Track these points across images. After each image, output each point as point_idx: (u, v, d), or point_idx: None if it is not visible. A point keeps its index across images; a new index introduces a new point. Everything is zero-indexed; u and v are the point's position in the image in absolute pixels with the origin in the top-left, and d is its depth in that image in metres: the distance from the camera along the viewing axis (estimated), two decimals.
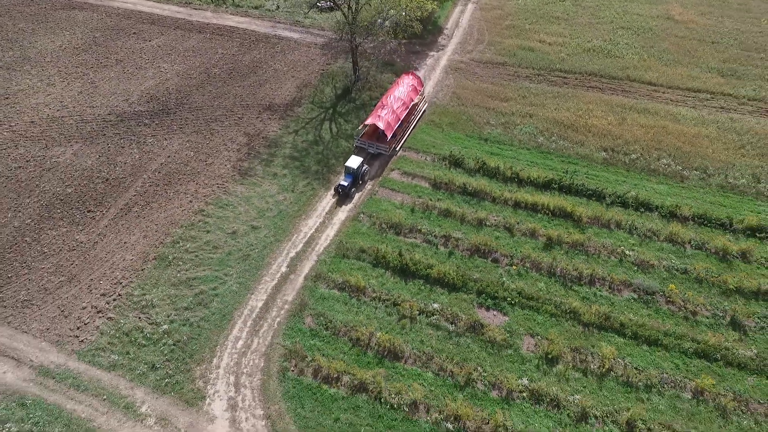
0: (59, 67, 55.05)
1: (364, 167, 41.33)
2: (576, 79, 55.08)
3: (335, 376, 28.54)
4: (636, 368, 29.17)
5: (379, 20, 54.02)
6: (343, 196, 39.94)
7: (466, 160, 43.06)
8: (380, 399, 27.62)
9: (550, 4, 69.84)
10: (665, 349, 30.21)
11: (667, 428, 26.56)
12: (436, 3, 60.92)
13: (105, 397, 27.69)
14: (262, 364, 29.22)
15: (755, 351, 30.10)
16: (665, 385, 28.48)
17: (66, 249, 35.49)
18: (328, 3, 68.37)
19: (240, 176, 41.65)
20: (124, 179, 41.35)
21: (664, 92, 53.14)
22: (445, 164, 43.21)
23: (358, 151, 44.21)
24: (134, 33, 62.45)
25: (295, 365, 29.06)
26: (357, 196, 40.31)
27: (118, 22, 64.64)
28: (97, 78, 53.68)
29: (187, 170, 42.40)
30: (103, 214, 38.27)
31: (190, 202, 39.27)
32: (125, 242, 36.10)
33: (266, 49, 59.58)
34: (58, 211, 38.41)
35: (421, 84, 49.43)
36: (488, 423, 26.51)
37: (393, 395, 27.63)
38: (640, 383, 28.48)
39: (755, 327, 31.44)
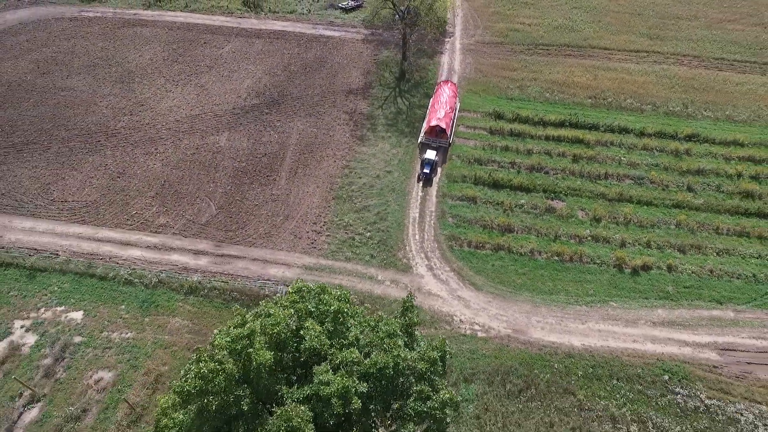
0: (165, 77, 67.69)
1: (437, 157, 56.09)
2: (555, 50, 76.10)
3: (481, 244, 47.65)
4: (643, 217, 50.88)
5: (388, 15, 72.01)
6: (426, 181, 53.54)
7: (504, 113, 62.79)
8: (511, 251, 47.20)
9: None
10: (655, 206, 52.13)
11: (667, 242, 48.43)
12: None
13: (354, 274, 44.96)
14: (437, 245, 47.69)
15: (702, 200, 52.74)
16: (660, 224, 50.41)
17: (270, 200, 51.31)
18: (350, 4, 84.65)
19: (359, 141, 58.71)
20: (277, 153, 56.98)
21: (616, 54, 75.50)
22: (491, 117, 62.68)
23: (422, 147, 57.51)
24: (204, 43, 75.35)
25: (456, 242, 47.80)
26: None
27: (183, 34, 76.86)
28: (202, 82, 67.17)
29: (318, 141, 58.67)
30: (279, 176, 54.10)
31: (335, 161, 55.96)
32: (307, 191, 52.46)
33: (320, 47, 75.15)
34: (246, 178, 53.70)
35: (456, 90, 63.76)
36: (576, 253, 46.96)
37: (518, 248, 47.28)
38: (647, 224, 50.23)
39: (700, 189, 54.15)
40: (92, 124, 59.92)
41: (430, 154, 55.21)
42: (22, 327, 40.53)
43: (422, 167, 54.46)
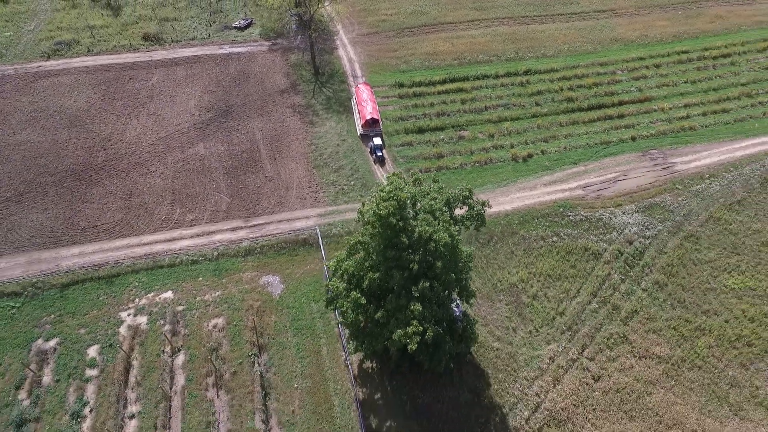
0: (114, 113, 75.48)
1: (382, 141, 72.83)
2: (417, 30, 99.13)
3: (427, 169, 68.11)
4: (518, 127, 75.91)
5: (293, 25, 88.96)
6: (381, 161, 68.71)
7: (403, 82, 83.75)
8: (447, 168, 68.45)
9: None
10: (522, 119, 77.70)
11: (536, 138, 73.96)
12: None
13: (355, 209, 61.99)
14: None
15: (546, 109, 79.66)
16: (528, 128, 76.02)
17: (267, 181, 65.49)
18: (242, 23, 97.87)
19: (310, 124, 74.90)
20: (252, 148, 70.62)
21: (459, 25, 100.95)
22: (396, 87, 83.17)
23: (364, 138, 71.99)
24: (130, 78, 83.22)
25: (410, 172, 67.54)
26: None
27: (104, 75, 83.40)
28: (152, 110, 76.41)
29: (279, 132, 73.43)
30: (264, 164, 68.20)
31: (300, 143, 71.58)
32: (291, 168, 67.63)
33: (236, 62, 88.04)
34: (238, 172, 66.83)
35: (371, 89, 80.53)
36: (487, 159, 69.93)
37: (451, 165, 68.64)
38: (521, 130, 75.52)
39: (543, 102, 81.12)
40: (73, 165, 66.89)
41: (377, 141, 71.50)
42: (128, 315, 50.74)
43: (373, 152, 70.07)
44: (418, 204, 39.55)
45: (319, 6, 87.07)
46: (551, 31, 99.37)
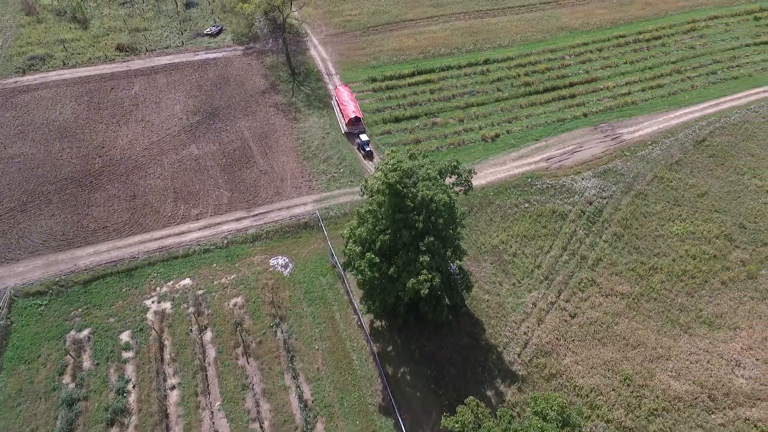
0: (102, 123, 78.29)
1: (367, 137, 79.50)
2: (382, 28, 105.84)
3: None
4: (484, 111, 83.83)
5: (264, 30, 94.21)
6: (369, 156, 73.54)
7: (376, 77, 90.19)
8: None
9: None
10: (487, 104, 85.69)
11: (501, 120, 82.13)
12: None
13: (348, 193, 67.99)
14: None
15: (507, 93, 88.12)
16: (493, 112, 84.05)
17: (262, 175, 70.48)
18: (213, 30, 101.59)
19: (295, 120, 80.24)
20: (243, 146, 75.25)
21: (419, 22, 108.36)
22: (369, 82, 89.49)
23: (349, 135, 77.10)
24: (112, 89, 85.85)
25: None
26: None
27: (85, 87, 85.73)
28: (140, 117, 79.59)
29: (266, 130, 78.35)
30: (256, 159, 73.04)
31: (287, 138, 76.77)
32: (283, 161, 72.76)
33: (214, 67, 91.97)
34: (233, 168, 71.42)
35: (350, 90, 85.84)
36: (460, 141, 77.40)
37: (428, 149, 75.70)
38: (487, 114, 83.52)
39: (504, 88, 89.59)
40: (72, 173, 69.68)
41: (364, 137, 76.86)
42: (152, 302, 54.97)
43: (361, 148, 75.22)
44: (416, 175, 46.10)
45: (292, 10, 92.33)
46: (504, 23, 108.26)
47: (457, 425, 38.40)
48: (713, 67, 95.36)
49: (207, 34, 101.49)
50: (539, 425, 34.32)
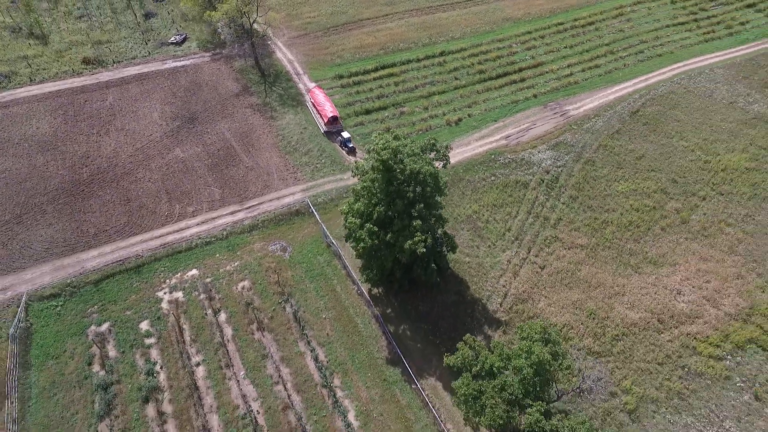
0: (82, 134, 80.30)
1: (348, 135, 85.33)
2: (341, 28, 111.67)
3: None
4: (446, 98, 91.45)
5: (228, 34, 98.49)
6: (351, 151, 79.72)
7: (342, 74, 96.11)
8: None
9: None
10: (446, 92, 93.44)
11: (461, 105, 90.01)
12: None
13: (333, 181, 73.61)
14: (361, 153, 79.33)
15: (464, 81, 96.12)
16: (453, 99, 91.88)
17: (248, 171, 75.11)
18: (177, 38, 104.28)
19: (272, 119, 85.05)
20: (225, 146, 79.45)
21: (376, 20, 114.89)
22: (337, 79, 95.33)
23: (328, 134, 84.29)
24: (86, 101, 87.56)
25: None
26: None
27: (58, 101, 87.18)
28: (119, 127, 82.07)
29: (245, 129, 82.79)
30: (240, 157, 77.55)
31: (268, 135, 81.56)
32: (266, 156, 77.60)
33: (185, 74, 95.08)
34: (221, 167, 75.73)
35: (324, 91, 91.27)
36: (427, 127, 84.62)
37: None
38: (448, 100, 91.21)
39: (460, 76, 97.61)
40: (62, 184, 71.89)
41: (346, 135, 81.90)
42: (164, 293, 58.97)
43: (344, 145, 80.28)
44: (401, 152, 52.70)
45: (259, 16, 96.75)
46: (454, 17, 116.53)
47: (458, 360, 45.44)
48: (640, 47, 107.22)
49: (172, 43, 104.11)
50: (527, 345, 41.81)
